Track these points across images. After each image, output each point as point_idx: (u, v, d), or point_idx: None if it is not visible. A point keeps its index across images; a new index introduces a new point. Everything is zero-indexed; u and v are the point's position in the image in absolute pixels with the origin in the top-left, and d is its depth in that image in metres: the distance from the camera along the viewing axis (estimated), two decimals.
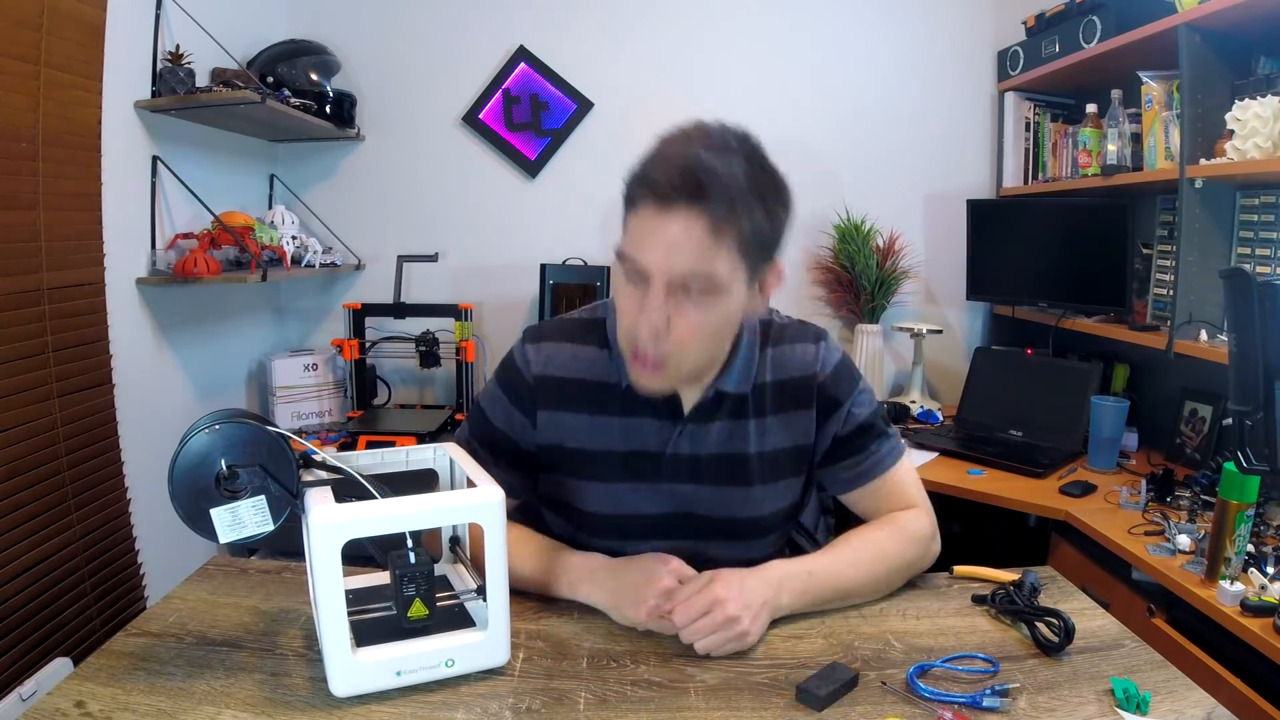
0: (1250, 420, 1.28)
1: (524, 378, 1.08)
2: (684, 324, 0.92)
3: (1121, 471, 2.00)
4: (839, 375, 1.11)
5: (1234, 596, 1.28)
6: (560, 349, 1.08)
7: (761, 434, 1.09)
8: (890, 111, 2.70)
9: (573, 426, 1.07)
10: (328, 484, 0.85)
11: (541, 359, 1.08)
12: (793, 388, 1.09)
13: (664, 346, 0.93)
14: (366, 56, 2.67)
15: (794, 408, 1.10)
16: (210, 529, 0.81)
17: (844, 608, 1.02)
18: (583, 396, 1.06)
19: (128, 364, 1.89)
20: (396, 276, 2.56)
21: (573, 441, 1.08)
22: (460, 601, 0.93)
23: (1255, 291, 1.27)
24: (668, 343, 0.93)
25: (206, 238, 2.06)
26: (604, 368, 1.06)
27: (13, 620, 1.53)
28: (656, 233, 0.89)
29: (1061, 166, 2.45)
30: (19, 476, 1.57)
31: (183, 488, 0.80)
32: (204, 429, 0.80)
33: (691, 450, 1.07)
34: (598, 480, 1.09)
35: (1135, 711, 0.80)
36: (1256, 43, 1.77)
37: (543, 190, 2.74)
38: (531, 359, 1.08)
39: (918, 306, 2.80)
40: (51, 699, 0.79)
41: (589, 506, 1.10)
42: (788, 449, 1.11)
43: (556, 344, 1.08)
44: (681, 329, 0.92)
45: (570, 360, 1.07)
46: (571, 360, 1.07)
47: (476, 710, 0.80)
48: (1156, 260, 2.11)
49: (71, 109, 1.70)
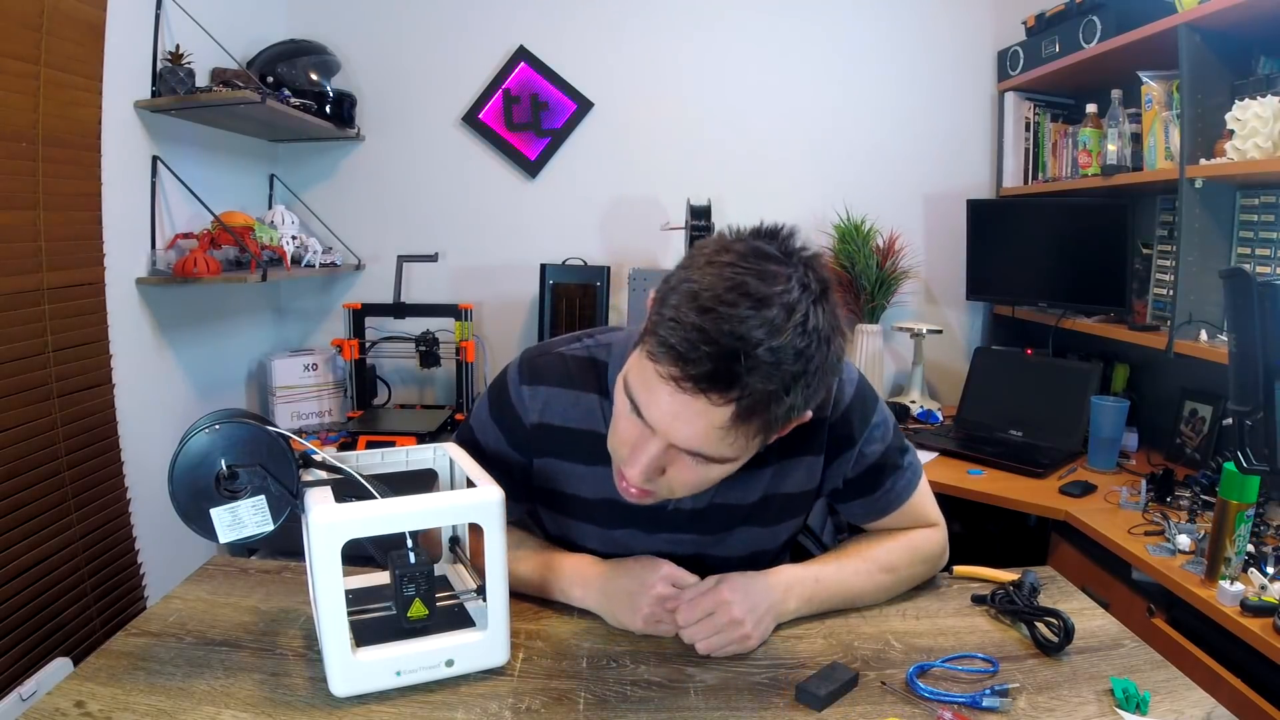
0: (1250, 420, 1.28)
1: (522, 423, 1.02)
2: (680, 476, 0.84)
3: (1121, 471, 2.00)
4: (850, 414, 1.02)
5: (1234, 596, 1.28)
6: (558, 396, 1.01)
7: (767, 480, 1.03)
8: (890, 111, 2.70)
9: (570, 474, 1.03)
10: (328, 484, 0.85)
11: (539, 405, 1.01)
12: (802, 431, 0.94)
13: (652, 485, 0.86)
14: (366, 56, 2.67)
15: (802, 453, 1.03)
16: (210, 529, 0.81)
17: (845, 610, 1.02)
18: (581, 446, 1.00)
19: (128, 364, 1.89)
20: (396, 276, 2.56)
21: (570, 488, 1.04)
22: (460, 601, 0.93)
23: (1255, 291, 1.27)
24: (656, 483, 0.86)
25: (206, 238, 2.06)
26: (604, 417, 0.98)
27: (13, 620, 1.53)
28: (671, 401, 0.77)
29: (1061, 166, 2.45)
30: (19, 476, 1.57)
31: (182, 488, 0.80)
32: (204, 429, 0.80)
33: (694, 505, 1.01)
34: (595, 524, 1.06)
35: (1135, 711, 0.80)
36: (1256, 43, 1.77)
37: (543, 190, 2.74)
38: (529, 404, 1.02)
39: (918, 306, 2.80)
40: (51, 699, 0.79)
41: (587, 545, 1.07)
42: (794, 495, 1.06)
43: (554, 389, 1.01)
44: (676, 480, 0.85)
45: (569, 408, 1.01)
46: (571, 408, 1.01)
47: (476, 710, 0.80)
48: (1156, 260, 2.11)
49: (71, 109, 1.70)
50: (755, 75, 2.66)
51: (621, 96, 2.68)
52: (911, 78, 2.69)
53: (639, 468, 0.83)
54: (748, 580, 0.95)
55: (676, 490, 0.87)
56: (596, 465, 0.98)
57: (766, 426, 0.79)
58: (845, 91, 2.70)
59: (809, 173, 2.71)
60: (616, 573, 0.99)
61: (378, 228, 2.75)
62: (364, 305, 2.53)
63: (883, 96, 2.70)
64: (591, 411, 1.00)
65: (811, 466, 1.04)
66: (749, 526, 1.06)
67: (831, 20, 2.67)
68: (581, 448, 1.00)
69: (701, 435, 0.78)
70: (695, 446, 0.79)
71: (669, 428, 0.79)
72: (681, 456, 0.82)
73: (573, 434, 1.01)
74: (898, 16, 2.66)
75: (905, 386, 2.69)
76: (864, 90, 2.70)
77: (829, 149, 2.71)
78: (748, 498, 1.03)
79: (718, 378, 0.73)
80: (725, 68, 2.66)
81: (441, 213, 2.75)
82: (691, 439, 0.78)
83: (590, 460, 1.00)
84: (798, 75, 2.68)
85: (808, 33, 2.67)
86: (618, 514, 1.02)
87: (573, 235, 2.71)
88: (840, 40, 2.68)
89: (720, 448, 0.79)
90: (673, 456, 0.83)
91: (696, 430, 0.77)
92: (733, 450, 0.80)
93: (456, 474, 0.97)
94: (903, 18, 2.66)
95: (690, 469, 0.83)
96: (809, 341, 0.75)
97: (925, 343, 2.63)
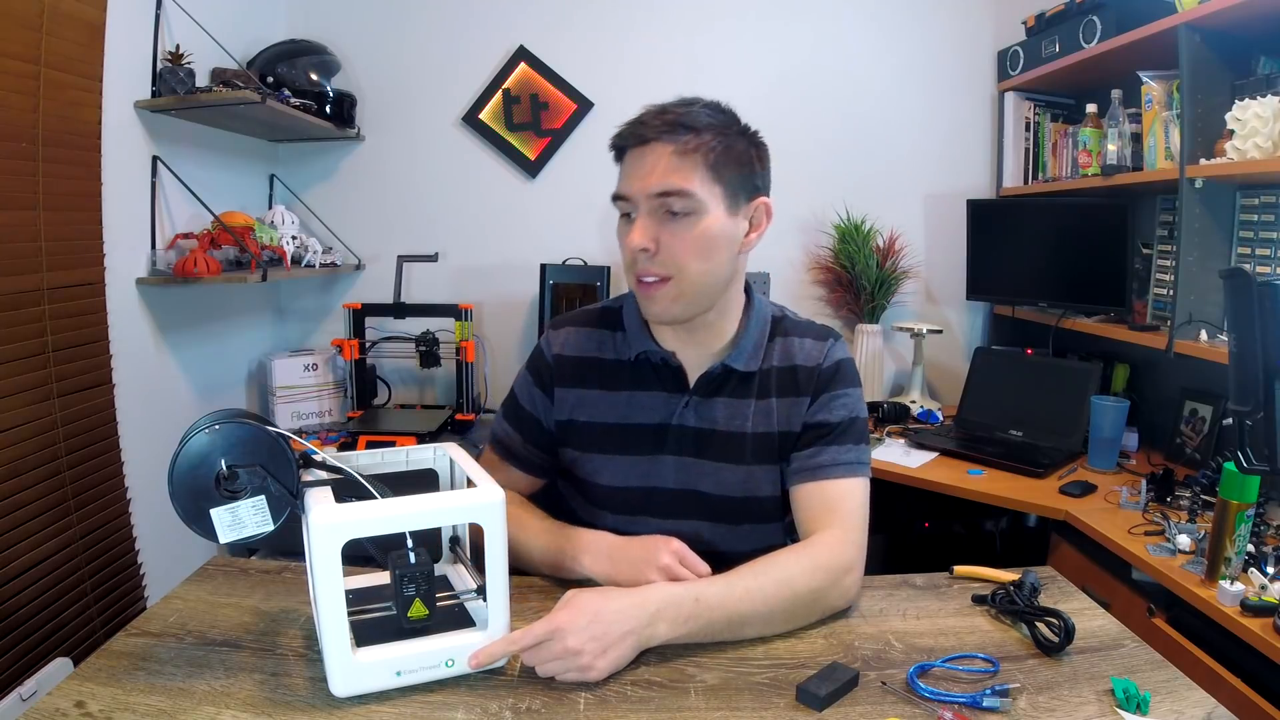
0: (1250, 420, 1.28)
1: (545, 359, 1.19)
2: (673, 241, 1.02)
3: (1121, 471, 2.00)
4: (838, 370, 1.14)
5: (1234, 596, 1.28)
6: (577, 332, 1.18)
7: (759, 415, 1.12)
8: (890, 111, 2.70)
9: (584, 401, 1.15)
10: (328, 484, 0.85)
11: (559, 341, 1.18)
12: (795, 375, 1.13)
13: (660, 266, 1.03)
14: (366, 56, 2.67)
15: (794, 394, 1.13)
16: (210, 529, 0.81)
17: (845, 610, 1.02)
18: (594, 372, 1.15)
19: (128, 364, 1.89)
20: (396, 276, 2.56)
21: (584, 415, 1.15)
22: (460, 601, 0.93)
23: (1255, 291, 1.27)
24: (662, 262, 1.02)
25: (206, 238, 2.06)
26: (616, 346, 1.16)
27: (13, 620, 1.53)
28: (634, 165, 1.03)
29: (1061, 166, 2.45)
30: (19, 476, 1.57)
31: (182, 488, 0.80)
32: (204, 429, 0.80)
33: (696, 423, 1.12)
34: (605, 453, 1.14)
35: (1135, 711, 0.80)
36: (1256, 43, 1.77)
37: (543, 190, 2.74)
38: (552, 342, 1.19)
39: (918, 306, 2.80)
40: (51, 699, 0.79)
41: (598, 479, 1.15)
42: (783, 434, 1.13)
43: (574, 328, 1.19)
44: (671, 246, 1.02)
45: (585, 340, 1.17)
46: (586, 340, 1.17)
47: (476, 710, 0.80)
48: (1156, 260, 2.11)
49: (71, 109, 1.70)
50: (755, 75, 2.67)
51: (621, 96, 2.67)
52: (911, 78, 2.69)
53: (639, 231, 1.02)
54: (602, 602, 0.88)
55: (679, 259, 1.02)
56: (609, 390, 1.14)
57: (713, 167, 1.01)
58: (845, 91, 2.70)
59: (809, 172, 2.70)
60: (627, 545, 1.03)
61: (378, 228, 2.75)
62: (364, 305, 2.53)
63: (883, 96, 2.70)
64: (606, 342, 1.16)
65: (799, 406, 1.13)
66: (744, 464, 1.12)
67: (831, 20, 2.67)
68: (595, 372, 1.15)
69: (662, 170, 1.00)
70: (663, 183, 1.00)
71: (642, 183, 1.01)
72: (667, 223, 1.01)
73: (588, 361, 1.16)
74: (898, 16, 2.66)
75: (905, 386, 2.69)
76: (864, 90, 2.70)
77: (829, 149, 2.71)
78: (745, 427, 1.11)
79: (654, 127, 1.02)
80: (725, 68, 2.66)
81: (441, 213, 2.75)
82: (658, 179, 1.00)
83: (604, 384, 1.15)
84: (798, 75, 2.68)
85: (808, 33, 2.67)
86: (626, 438, 1.13)
87: (573, 235, 2.71)
88: (840, 40, 2.68)
89: (684, 180, 1.00)
90: (659, 226, 1.02)
91: (657, 168, 1.00)
92: (696, 184, 1.00)
93: (456, 474, 0.97)
94: (903, 18, 2.66)
95: (677, 229, 1.01)
96: (718, 110, 1.06)
97: (925, 343, 2.63)
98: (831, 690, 0.82)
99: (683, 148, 1.01)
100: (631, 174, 1.04)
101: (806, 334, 1.17)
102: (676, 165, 1.01)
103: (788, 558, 1.00)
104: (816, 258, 2.75)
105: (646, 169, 1.02)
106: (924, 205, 2.75)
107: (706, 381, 1.12)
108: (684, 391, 1.13)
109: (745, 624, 0.94)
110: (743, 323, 1.14)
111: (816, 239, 2.74)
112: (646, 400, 1.13)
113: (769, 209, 1.10)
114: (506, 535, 0.84)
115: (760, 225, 1.09)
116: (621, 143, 1.05)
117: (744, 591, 0.94)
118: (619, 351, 1.15)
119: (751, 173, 1.07)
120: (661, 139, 1.01)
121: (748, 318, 1.14)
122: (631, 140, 1.04)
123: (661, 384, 1.13)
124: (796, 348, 1.15)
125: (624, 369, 1.14)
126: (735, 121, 1.07)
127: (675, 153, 1.01)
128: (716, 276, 1.06)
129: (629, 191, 1.03)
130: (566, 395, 1.16)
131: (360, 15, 2.66)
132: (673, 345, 1.13)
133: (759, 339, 1.14)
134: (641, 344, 1.13)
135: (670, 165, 1.01)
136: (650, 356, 1.13)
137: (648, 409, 1.13)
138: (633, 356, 1.14)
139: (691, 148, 1.01)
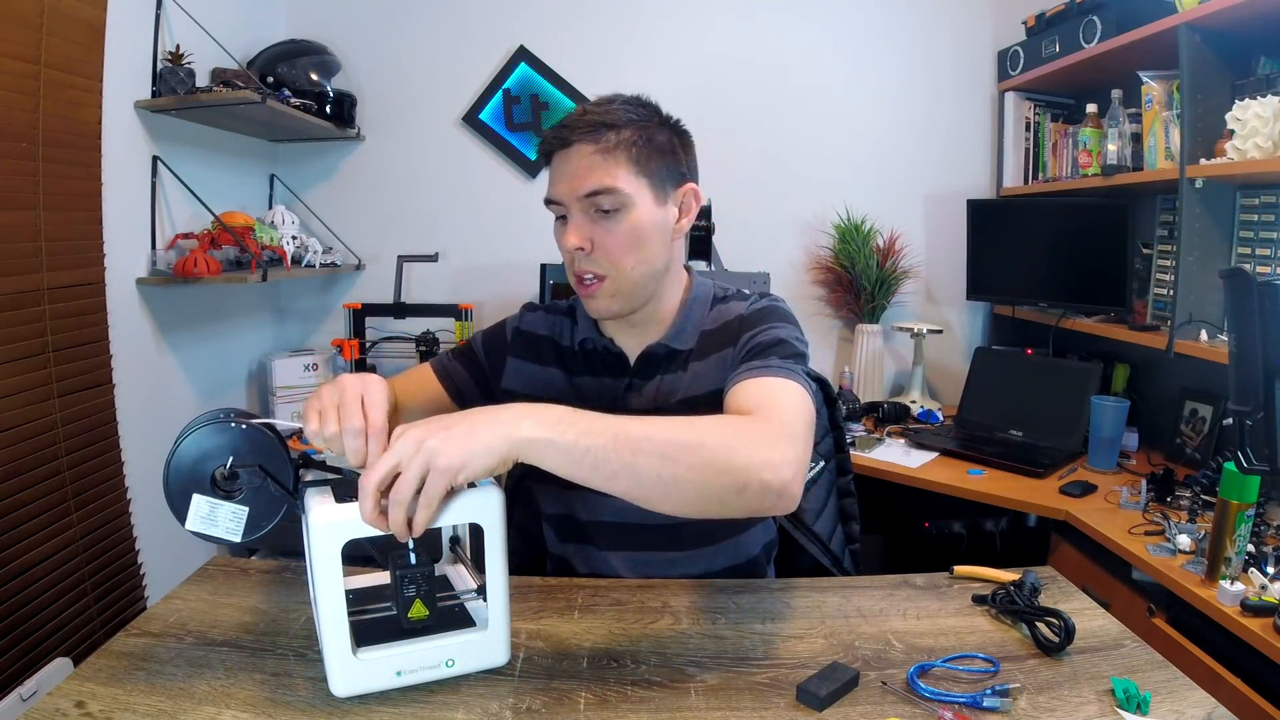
0: (1250, 420, 1.28)
1: (505, 332, 1.25)
2: (606, 238, 1.05)
3: (1121, 471, 2.00)
4: (761, 312, 1.13)
5: (1234, 596, 1.28)
6: (539, 316, 1.25)
7: (695, 379, 1.12)
8: (890, 111, 2.71)
9: (531, 376, 1.20)
10: (328, 484, 0.85)
11: (523, 320, 1.25)
12: (721, 332, 1.14)
13: (596, 264, 1.06)
14: (366, 56, 2.67)
15: (726, 346, 1.12)
16: (184, 511, 0.80)
17: (844, 610, 1.01)
18: (546, 351, 1.21)
19: (128, 364, 1.89)
20: (396, 276, 2.56)
21: (528, 389, 1.19)
22: (460, 601, 0.93)
23: (1255, 291, 1.27)
24: (597, 260, 1.05)
25: (206, 238, 2.06)
26: (567, 333, 1.21)
27: (13, 620, 1.53)
28: (561, 168, 1.06)
29: (1061, 166, 2.45)
30: (19, 476, 1.57)
31: (177, 487, 0.80)
32: (199, 428, 0.80)
33: (639, 405, 1.14)
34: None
35: (1135, 711, 0.80)
36: (1256, 43, 1.77)
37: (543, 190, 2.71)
38: (518, 320, 1.26)
39: (918, 306, 2.80)
40: (51, 699, 0.79)
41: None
42: (714, 393, 1.07)
43: (541, 313, 1.25)
44: (605, 243, 1.05)
45: (543, 322, 1.24)
46: (544, 322, 1.24)
47: (476, 710, 0.80)
48: (1156, 260, 2.11)
49: (71, 109, 1.70)
50: (755, 75, 2.66)
51: None
52: (911, 78, 2.69)
53: (573, 233, 1.05)
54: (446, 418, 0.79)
55: (614, 255, 1.05)
56: (556, 369, 1.19)
57: (636, 160, 1.04)
58: (845, 91, 2.70)
59: (809, 172, 2.71)
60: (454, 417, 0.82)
61: (378, 228, 2.75)
62: (364, 305, 2.53)
63: (883, 96, 2.70)
64: (559, 329, 1.22)
65: (730, 354, 1.11)
66: (718, 543, 1.14)
67: (832, 20, 2.67)
68: (546, 351, 1.21)
69: (586, 169, 1.03)
70: (589, 182, 1.02)
71: (569, 185, 1.04)
72: (599, 222, 1.04)
73: (542, 339, 1.22)
74: (898, 16, 2.67)
75: (905, 386, 2.69)
76: (864, 90, 2.70)
77: (829, 149, 2.71)
78: (676, 395, 1.12)
79: (574, 128, 1.04)
80: (725, 68, 2.66)
81: (441, 213, 2.75)
82: (582, 176, 1.03)
83: (552, 363, 1.20)
84: (798, 75, 2.68)
85: (808, 33, 2.67)
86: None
87: None
88: (840, 40, 2.68)
89: (609, 178, 1.02)
90: (591, 225, 1.05)
91: (581, 168, 1.03)
92: (621, 180, 1.03)
93: None
94: (903, 18, 2.67)
95: (609, 226, 1.04)
96: (639, 105, 1.08)
97: (925, 343, 2.63)
98: (831, 690, 0.82)
99: (605, 146, 1.03)
100: (559, 177, 1.07)
101: (739, 299, 1.17)
102: (600, 164, 1.03)
103: (706, 417, 0.88)
104: (816, 258, 2.75)
105: (572, 171, 1.04)
106: (924, 205, 2.75)
107: (646, 362, 1.15)
108: (625, 375, 1.16)
109: (638, 451, 0.79)
110: (683, 303, 1.16)
111: (816, 239, 2.74)
112: (590, 385, 1.17)
113: (698, 194, 1.13)
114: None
115: (690, 210, 1.12)
116: (547, 148, 1.08)
117: (644, 423, 0.81)
118: (571, 338, 1.20)
119: (676, 161, 1.09)
120: (584, 140, 1.04)
121: (688, 297, 1.16)
122: (556, 144, 1.06)
123: (607, 369, 1.17)
124: (730, 311, 1.15)
125: (573, 356, 1.19)
126: (656, 114, 1.10)
127: (598, 152, 1.03)
128: (652, 266, 1.09)
129: (559, 195, 1.06)
130: (519, 367, 1.21)
131: (360, 15, 2.67)
132: (612, 332, 1.17)
133: (699, 318, 1.15)
134: (585, 331, 1.18)
135: (594, 164, 1.03)
136: (594, 344, 1.17)
137: (592, 396, 1.16)
138: (576, 344, 1.19)
139: (613, 145, 1.04)
